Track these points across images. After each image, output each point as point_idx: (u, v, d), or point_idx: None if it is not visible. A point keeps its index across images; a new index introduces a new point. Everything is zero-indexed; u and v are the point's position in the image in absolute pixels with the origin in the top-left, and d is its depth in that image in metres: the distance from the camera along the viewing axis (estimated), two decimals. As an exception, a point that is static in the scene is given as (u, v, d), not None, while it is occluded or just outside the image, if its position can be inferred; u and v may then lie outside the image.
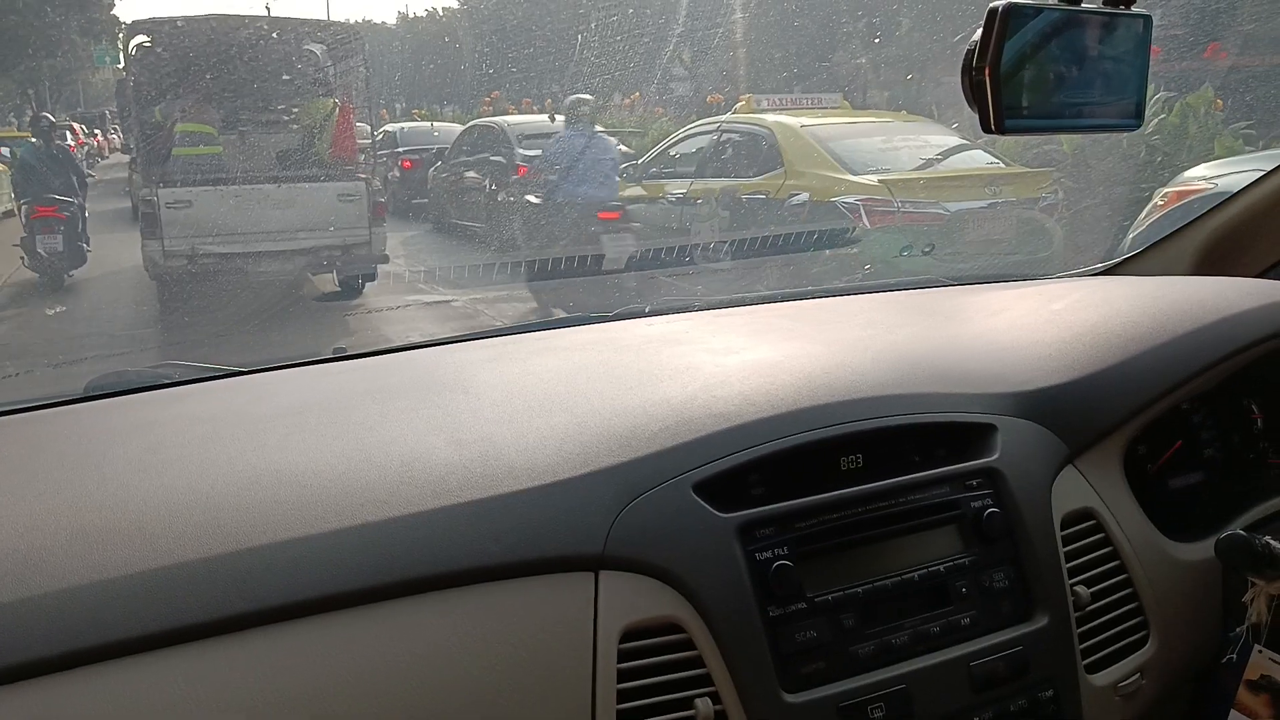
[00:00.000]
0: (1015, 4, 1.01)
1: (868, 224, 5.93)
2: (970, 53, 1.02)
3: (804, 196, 6.38)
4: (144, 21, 8.64)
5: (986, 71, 1.01)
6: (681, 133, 8.60)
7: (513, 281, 7.47)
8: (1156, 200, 4.84)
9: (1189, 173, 5.07)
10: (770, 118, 7.56)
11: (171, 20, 8.72)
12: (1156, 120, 7.64)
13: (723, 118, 8.08)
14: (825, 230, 5.97)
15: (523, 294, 7.14)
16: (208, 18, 8.96)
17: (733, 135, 7.67)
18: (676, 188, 7.77)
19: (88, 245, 8.56)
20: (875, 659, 1.06)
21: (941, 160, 6.51)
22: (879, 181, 6.16)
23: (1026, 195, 6.38)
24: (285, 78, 9.06)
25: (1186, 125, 7.60)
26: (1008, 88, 1.02)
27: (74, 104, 31.40)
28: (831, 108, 8.84)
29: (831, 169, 6.44)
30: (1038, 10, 1.03)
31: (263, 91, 8.98)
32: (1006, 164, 6.52)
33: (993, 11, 1.00)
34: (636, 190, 8.11)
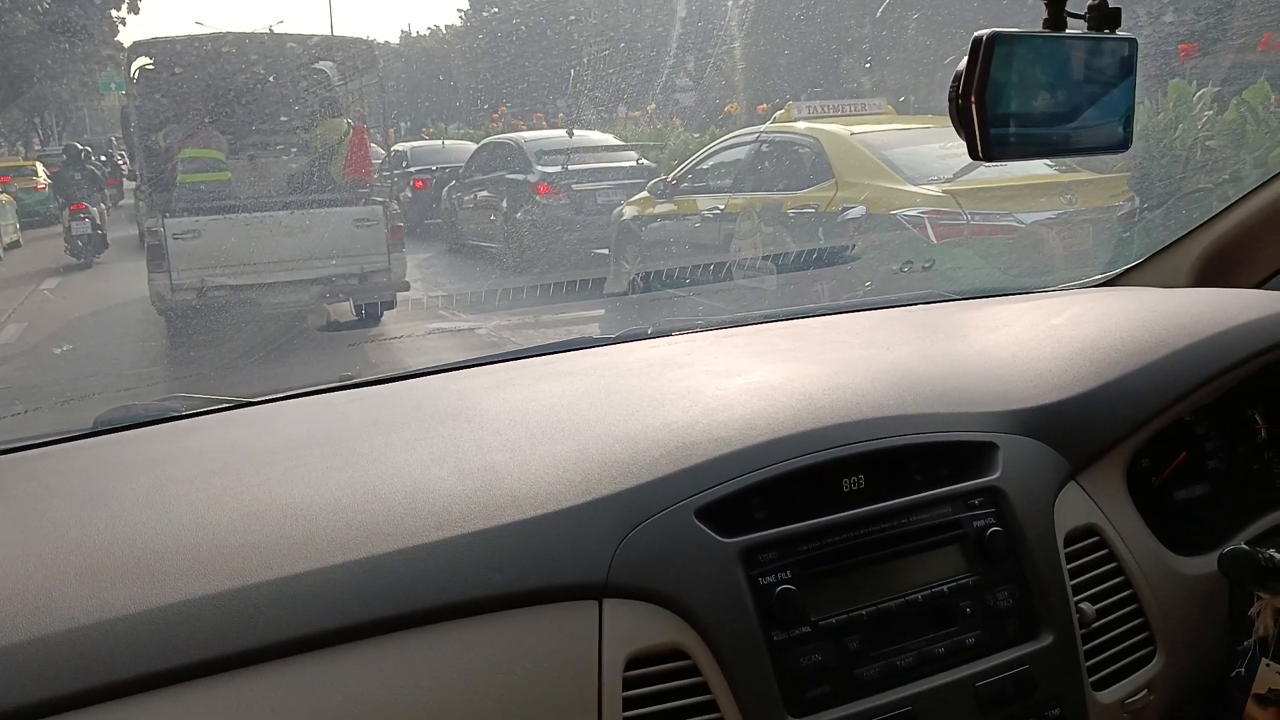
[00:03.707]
0: (1000, 32, 1.02)
1: (934, 238, 5.46)
2: (956, 81, 1.02)
3: (859, 210, 5.91)
4: (146, 43, 8.39)
5: (973, 99, 1.01)
6: (716, 145, 8.16)
7: (536, 304, 7.16)
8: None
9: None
10: (816, 126, 7.04)
11: (174, 41, 8.44)
12: (1207, 118, 7.22)
13: (761, 127, 7.68)
14: (889, 245, 5.56)
15: (547, 318, 6.87)
16: (212, 36, 8.69)
17: (774, 146, 7.22)
18: (712, 203, 7.36)
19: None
20: (881, 681, 1.06)
21: (1004, 167, 6.07)
22: (944, 192, 5.68)
23: (1102, 203, 5.86)
24: (295, 98, 8.77)
25: (1244, 124, 7.18)
26: (994, 115, 1.02)
27: (81, 130, 31.33)
28: (876, 113, 8.43)
29: (889, 179, 5.98)
30: (1022, 37, 1.04)
31: (272, 113, 8.72)
32: (1073, 169, 6.06)
33: (977, 40, 1.01)
34: (667, 206, 7.73)
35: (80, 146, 13.65)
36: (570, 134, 11.55)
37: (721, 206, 7.21)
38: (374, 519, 1.00)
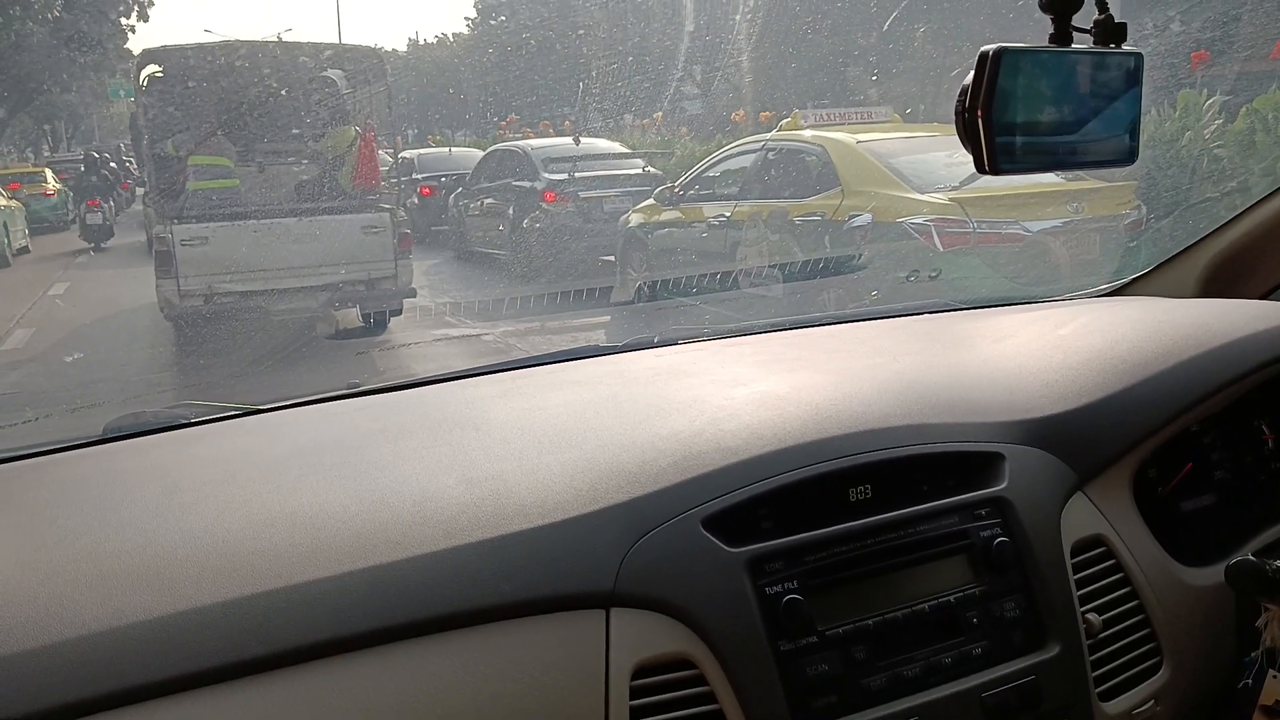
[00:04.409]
0: (1006, 47, 1.02)
1: (940, 247, 5.44)
2: (963, 94, 1.03)
3: (866, 218, 5.90)
4: (155, 51, 8.43)
5: (979, 113, 1.02)
6: (722, 152, 8.13)
7: (543, 312, 7.16)
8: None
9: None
10: (822, 134, 7.04)
11: (183, 49, 8.48)
12: (1216, 126, 7.19)
13: (767, 135, 7.67)
14: (896, 253, 5.54)
15: (554, 325, 6.86)
16: (221, 45, 8.74)
17: (780, 154, 7.21)
18: (718, 211, 7.32)
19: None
20: (887, 691, 1.06)
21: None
22: (950, 200, 5.66)
23: (1109, 212, 5.87)
24: (304, 107, 8.79)
25: (1253, 133, 7.14)
26: (1000, 129, 1.03)
27: (90, 138, 31.45)
28: (882, 121, 8.43)
29: (895, 187, 5.97)
30: (1029, 52, 1.05)
31: (280, 121, 8.76)
32: (1080, 178, 6.03)
33: (984, 55, 1.01)
34: (673, 214, 7.72)
35: (97, 155, 14.92)
36: (577, 141, 11.53)
37: (728, 214, 7.19)
38: (382, 527, 1.01)
